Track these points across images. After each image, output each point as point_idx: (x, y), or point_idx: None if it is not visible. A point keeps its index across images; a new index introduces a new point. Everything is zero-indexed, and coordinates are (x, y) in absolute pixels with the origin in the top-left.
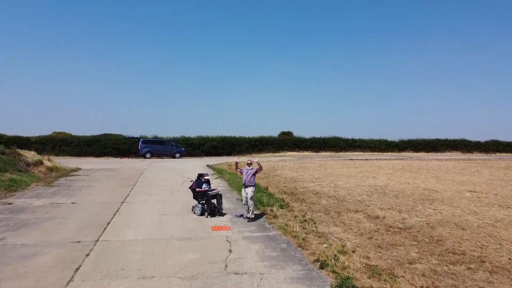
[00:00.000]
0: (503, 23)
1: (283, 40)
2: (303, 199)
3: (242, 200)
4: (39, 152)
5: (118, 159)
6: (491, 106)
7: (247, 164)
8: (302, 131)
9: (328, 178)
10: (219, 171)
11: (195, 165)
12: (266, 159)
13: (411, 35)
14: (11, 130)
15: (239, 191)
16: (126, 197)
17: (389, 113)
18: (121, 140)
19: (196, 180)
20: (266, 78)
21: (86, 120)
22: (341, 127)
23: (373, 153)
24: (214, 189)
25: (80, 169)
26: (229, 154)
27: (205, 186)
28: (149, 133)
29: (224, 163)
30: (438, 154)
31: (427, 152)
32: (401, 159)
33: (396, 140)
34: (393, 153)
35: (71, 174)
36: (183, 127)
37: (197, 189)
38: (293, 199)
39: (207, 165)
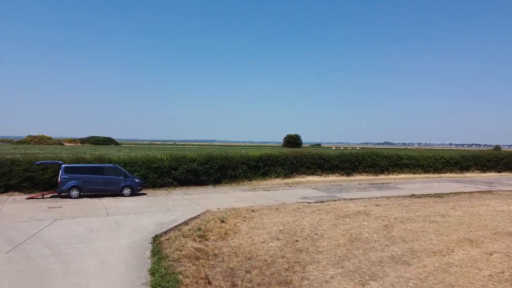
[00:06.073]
0: None
1: (283, 40)
2: None
3: None
4: None
5: (16, 203)
6: None
7: None
8: (305, 134)
9: None
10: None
11: (123, 249)
12: (274, 198)
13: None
14: None
15: None
16: None
17: (390, 118)
18: (37, 166)
19: None
20: (266, 79)
21: (71, 122)
22: (345, 129)
23: (427, 175)
24: None
25: None
26: (218, 182)
27: None
28: (141, 137)
29: (197, 219)
30: None
31: (499, 172)
32: (491, 192)
33: (455, 154)
34: (454, 175)
35: None
36: (178, 132)
37: None
38: None
39: (153, 238)
